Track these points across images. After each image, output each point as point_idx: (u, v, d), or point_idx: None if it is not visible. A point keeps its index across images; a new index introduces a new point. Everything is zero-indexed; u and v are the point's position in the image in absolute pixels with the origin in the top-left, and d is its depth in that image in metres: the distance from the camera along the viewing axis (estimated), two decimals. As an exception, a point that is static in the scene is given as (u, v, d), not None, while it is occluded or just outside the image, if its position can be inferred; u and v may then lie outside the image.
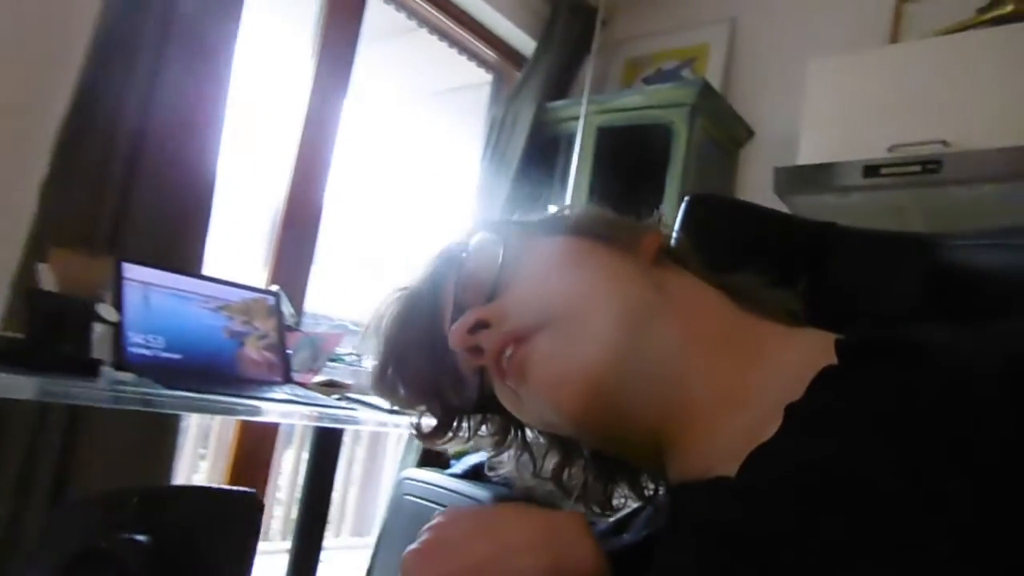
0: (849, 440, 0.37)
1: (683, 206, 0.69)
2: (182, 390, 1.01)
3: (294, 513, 2.35)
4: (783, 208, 1.89)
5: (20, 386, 0.94)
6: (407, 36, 2.69)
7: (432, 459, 2.16)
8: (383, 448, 3.07)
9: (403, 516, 2.02)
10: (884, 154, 1.70)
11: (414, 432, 0.65)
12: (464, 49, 2.74)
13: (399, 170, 2.91)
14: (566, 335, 0.50)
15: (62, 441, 1.36)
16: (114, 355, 1.05)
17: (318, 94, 2.10)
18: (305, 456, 2.32)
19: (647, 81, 2.59)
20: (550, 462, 0.62)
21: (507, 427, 0.63)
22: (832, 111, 1.89)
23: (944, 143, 1.63)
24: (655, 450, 0.52)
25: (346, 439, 2.65)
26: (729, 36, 2.47)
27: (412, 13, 2.52)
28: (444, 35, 2.65)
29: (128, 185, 1.46)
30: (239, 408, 1.23)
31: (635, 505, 0.61)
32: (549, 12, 2.67)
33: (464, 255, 0.59)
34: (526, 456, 0.63)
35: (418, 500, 1.96)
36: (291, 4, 2.25)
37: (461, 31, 2.63)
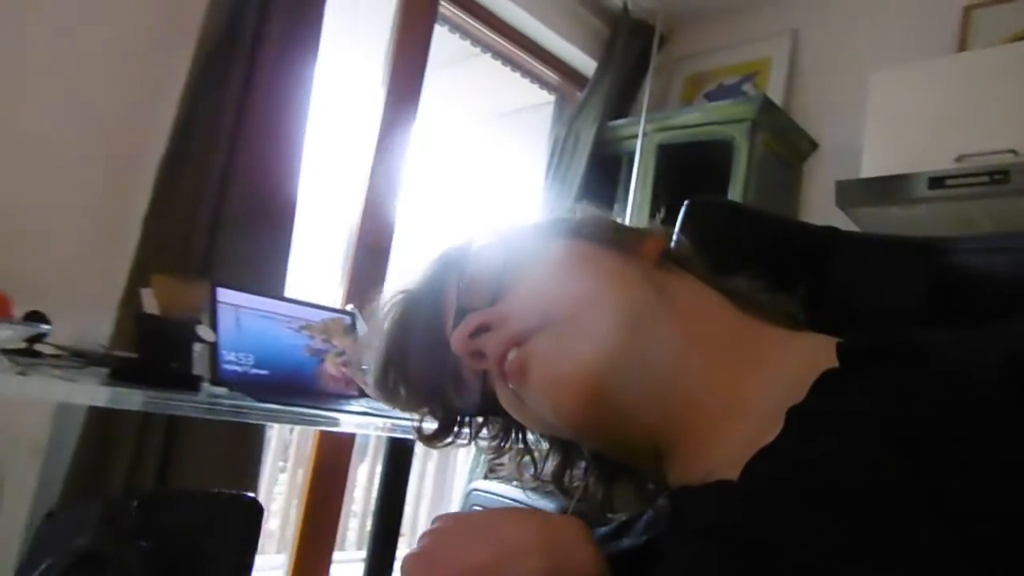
0: (850, 442, 0.38)
1: (682, 211, 0.69)
2: (269, 403, 1.10)
3: (369, 524, 2.44)
4: (848, 222, 1.88)
5: (129, 398, 1.06)
6: (471, 61, 2.79)
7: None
8: (453, 461, 3.14)
9: (472, 526, 2.08)
10: (951, 165, 1.68)
11: (415, 434, 0.65)
12: (527, 72, 2.81)
13: (467, 189, 3.00)
14: (566, 336, 0.50)
15: (162, 450, 1.49)
16: (211, 371, 1.16)
17: (388, 119, 2.21)
18: (379, 469, 2.42)
19: (709, 97, 2.61)
20: (551, 464, 0.62)
21: (508, 429, 0.63)
22: (897, 122, 1.88)
23: (1014, 152, 1.60)
24: (655, 454, 0.53)
25: (418, 452, 2.73)
26: (791, 49, 2.47)
27: (476, 40, 2.61)
28: (507, 59, 2.73)
29: (218, 216, 1.59)
30: (320, 419, 1.32)
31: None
32: (609, 33, 2.72)
33: (466, 259, 0.59)
34: (528, 458, 0.63)
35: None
36: (363, 35, 2.37)
37: (523, 55, 2.70)
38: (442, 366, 0.59)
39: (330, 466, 2.06)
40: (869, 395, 0.40)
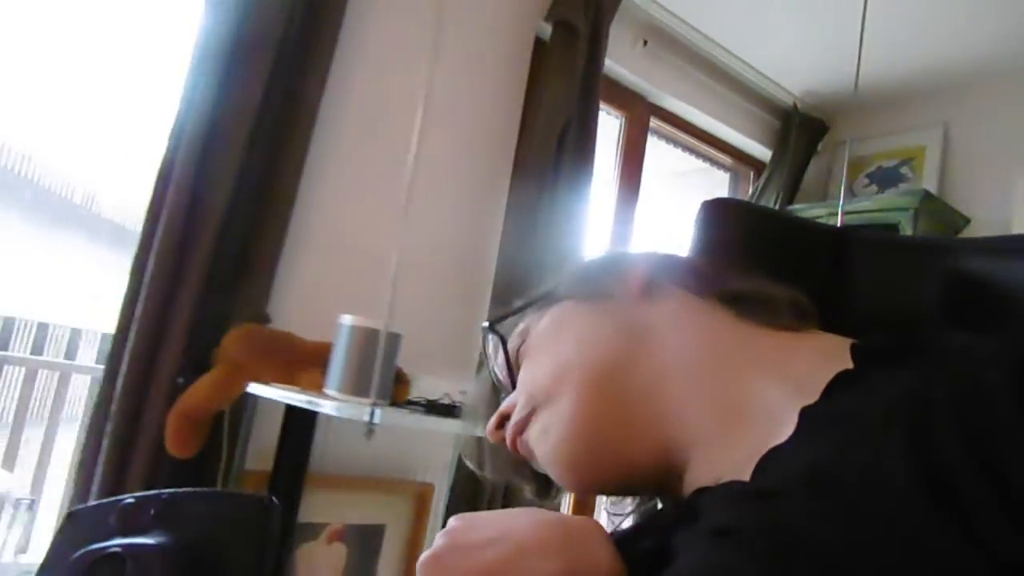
0: (862, 441, 0.37)
1: (697, 212, 0.67)
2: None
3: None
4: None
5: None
6: (651, 145, 3.37)
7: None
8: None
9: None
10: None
11: (531, 494, 0.67)
12: (705, 158, 3.38)
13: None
14: (546, 420, 0.53)
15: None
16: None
17: (620, 206, 2.85)
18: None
19: (869, 178, 3.08)
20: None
21: None
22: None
23: None
24: (676, 478, 0.52)
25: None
26: (943, 138, 2.90)
27: (662, 136, 3.20)
28: (686, 148, 3.28)
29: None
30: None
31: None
32: (780, 125, 3.24)
33: (497, 340, 0.62)
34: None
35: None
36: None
37: (699, 144, 3.24)
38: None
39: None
40: (883, 396, 0.39)
